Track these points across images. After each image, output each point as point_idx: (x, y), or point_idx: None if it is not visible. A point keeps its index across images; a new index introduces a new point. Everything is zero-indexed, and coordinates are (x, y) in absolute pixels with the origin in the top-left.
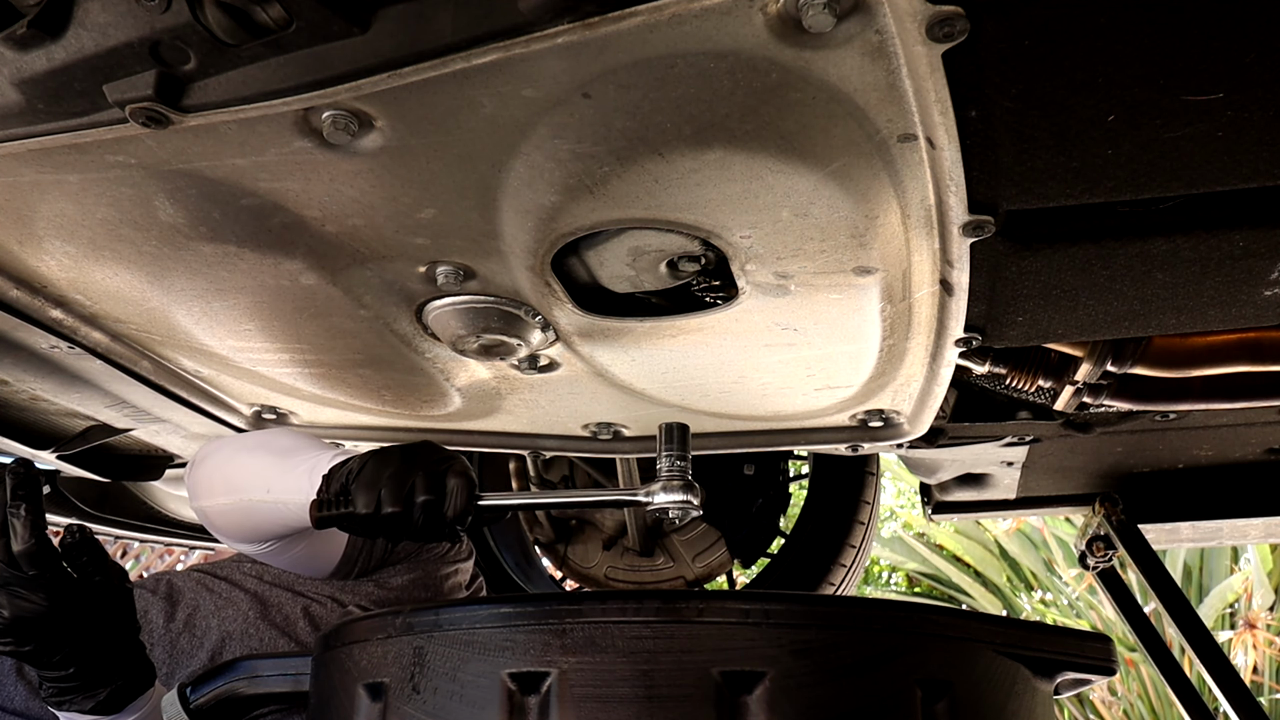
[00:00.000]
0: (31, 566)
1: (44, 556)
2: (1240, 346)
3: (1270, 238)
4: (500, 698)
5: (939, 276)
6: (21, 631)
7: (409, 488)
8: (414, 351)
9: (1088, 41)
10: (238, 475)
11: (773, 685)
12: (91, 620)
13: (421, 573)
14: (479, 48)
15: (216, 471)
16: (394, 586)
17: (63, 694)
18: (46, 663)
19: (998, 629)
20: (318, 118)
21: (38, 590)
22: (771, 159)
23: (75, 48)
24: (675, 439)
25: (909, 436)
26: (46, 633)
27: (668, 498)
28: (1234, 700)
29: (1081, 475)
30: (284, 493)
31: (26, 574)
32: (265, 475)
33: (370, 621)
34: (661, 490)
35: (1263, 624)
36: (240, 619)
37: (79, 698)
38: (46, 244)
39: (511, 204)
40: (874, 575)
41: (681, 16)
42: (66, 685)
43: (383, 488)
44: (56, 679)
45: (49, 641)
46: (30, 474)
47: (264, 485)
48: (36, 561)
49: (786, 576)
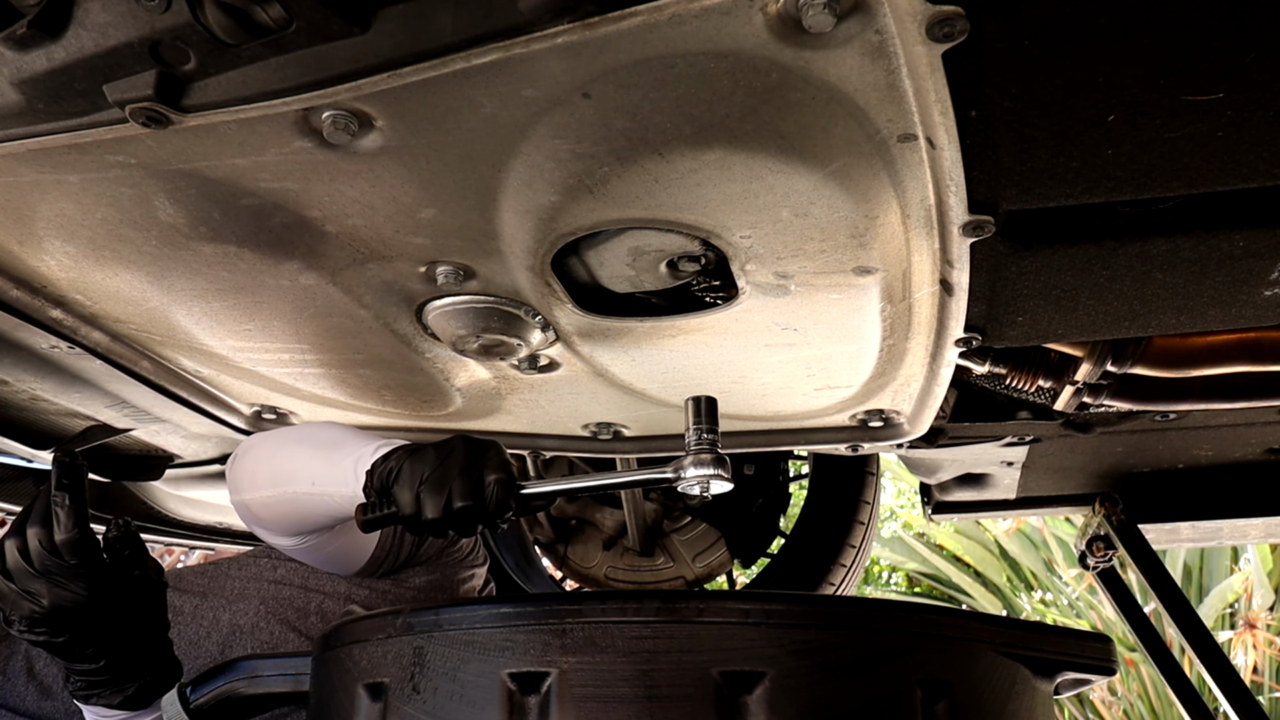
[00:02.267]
0: (73, 555)
1: (86, 547)
2: (1240, 346)
3: (1270, 238)
4: (500, 698)
5: (939, 276)
6: (58, 621)
7: (448, 493)
8: (414, 351)
9: (1088, 41)
10: (282, 468)
11: (773, 685)
12: (127, 614)
13: (440, 575)
14: (479, 48)
15: (260, 465)
16: (412, 587)
17: (91, 687)
18: (79, 655)
19: (998, 629)
20: (318, 118)
21: (78, 580)
22: (771, 159)
23: (75, 48)
24: (704, 413)
25: (909, 436)
26: (82, 624)
27: (698, 472)
28: (1234, 700)
29: (1081, 475)
30: (329, 485)
31: (68, 563)
32: (310, 468)
33: (370, 621)
34: (691, 465)
35: (1263, 624)
36: (251, 613)
37: (107, 692)
38: (46, 244)
39: (511, 204)
40: (874, 575)
41: (681, 16)
42: (96, 679)
43: (421, 492)
44: (87, 672)
45: (84, 633)
46: (76, 464)
47: (309, 478)
48: (78, 551)
49: (786, 576)
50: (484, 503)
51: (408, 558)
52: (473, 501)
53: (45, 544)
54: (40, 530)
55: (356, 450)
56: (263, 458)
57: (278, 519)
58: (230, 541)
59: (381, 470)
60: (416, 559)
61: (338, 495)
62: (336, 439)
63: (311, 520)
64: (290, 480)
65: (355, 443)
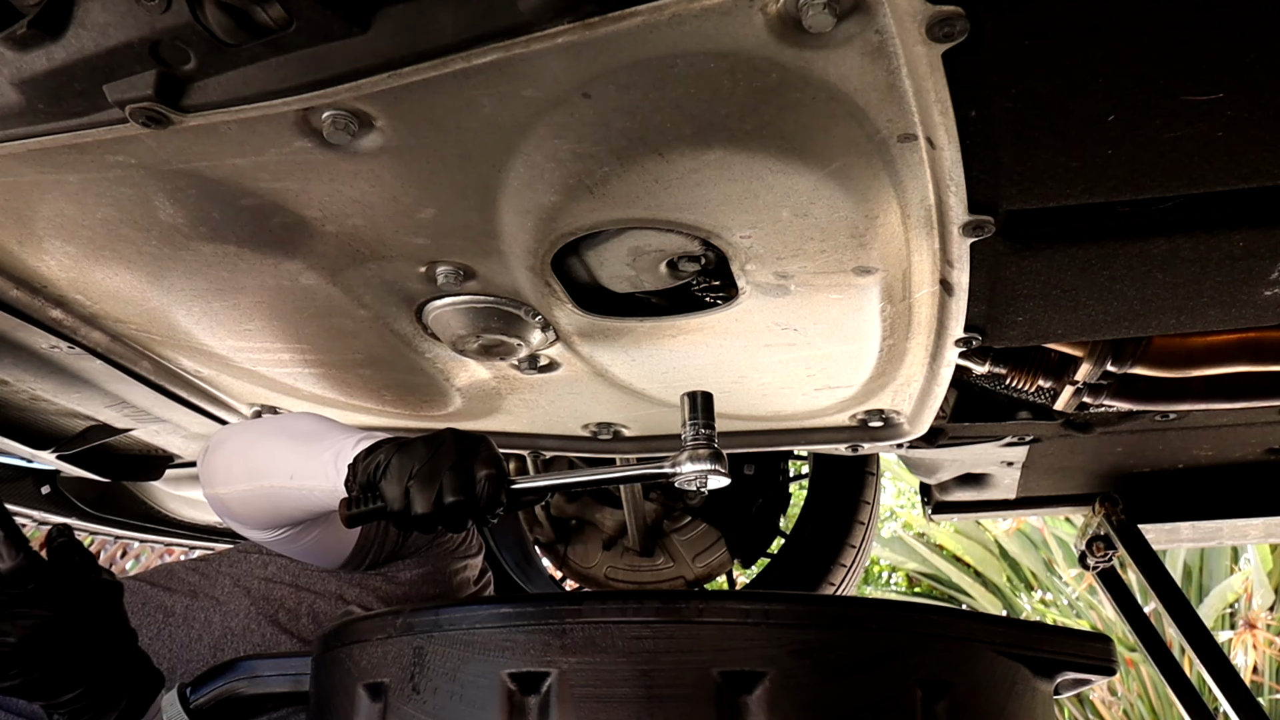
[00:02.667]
0: (28, 580)
1: (36, 569)
2: (1240, 346)
3: (1270, 238)
4: (500, 698)
5: (939, 276)
6: (29, 655)
7: (438, 488)
8: (414, 351)
9: (1088, 41)
10: (259, 461)
11: (773, 685)
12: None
13: (431, 568)
14: (479, 48)
15: (235, 458)
16: (403, 581)
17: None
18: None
19: (998, 629)
20: (318, 118)
21: (40, 604)
22: (771, 159)
23: (75, 48)
24: (699, 407)
25: (909, 436)
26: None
27: (694, 467)
28: (1234, 700)
29: (1081, 475)
30: (308, 479)
31: (25, 589)
32: (288, 461)
33: (370, 621)
34: (688, 460)
35: (1263, 624)
36: (242, 615)
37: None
38: (46, 244)
39: (511, 204)
40: (874, 575)
41: (681, 16)
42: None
43: (410, 486)
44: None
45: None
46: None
47: (287, 471)
48: (31, 574)
49: (786, 576)
50: (474, 498)
51: (394, 549)
52: (463, 496)
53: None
54: None
55: (336, 443)
56: (238, 450)
57: (253, 513)
58: (230, 541)
59: (367, 464)
60: (404, 550)
61: (317, 489)
62: (315, 431)
63: (289, 514)
64: (267, 474)
65: (334, 435)
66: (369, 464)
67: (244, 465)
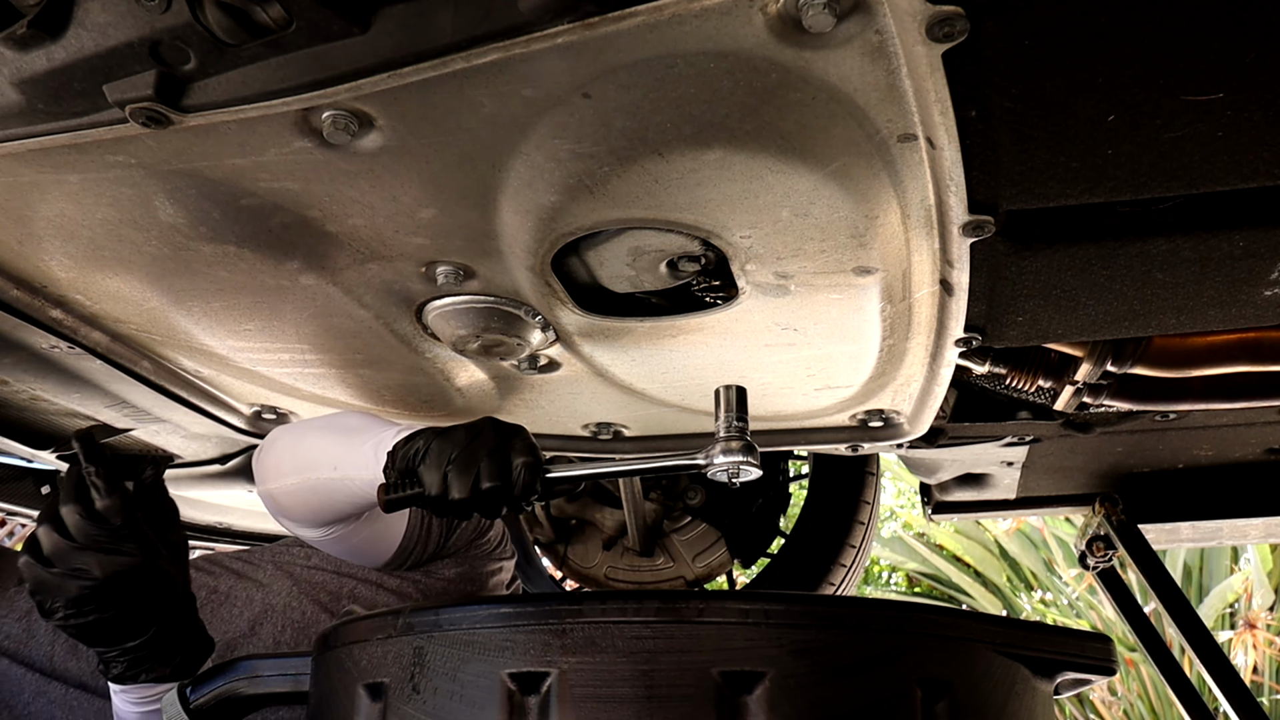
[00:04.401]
0: (118, 517)
1: (128, 508)
2: (1240, 346)
3: (1270, 238)
4: (500, 698)
5: (939, 276)
6: (109, 593)
7: (475, 474)
8: (414, 351)
9: (1088, 41)
10: (305, 455)
11: (773, 685)
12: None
13: (469, 568)
14: (479, 48)
15: (285, 453)
16: (442, 578)
17: (138, 664)
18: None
19: (998, 629)
20: (318, 118)
21: (128, 541)
22: (771, 159)
23: (75, 48)
24: (734, 402)
25: (909, 436)
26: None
27: (728, 459)
28: (1234, 700)
29: (1081, 475)
30: (350, 469)
31: (114, 525)
32: (332, 453)
33: (370, 621)
34: (721, 452)
35: (1263, 624)
36: (284, 593)
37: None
38: (46, 244)
39: (511, 204)
40: (874, 575)
41: (681, 16)
42: (142, 653)
43: (449, 471)
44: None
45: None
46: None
47: (331, 463)
48: (123, 512)
49: (786, 576)
50: (511, 484)
51: (436, 549)
52: (500, 482)
53: (86, 515)
54: (76, 505)
55: (378, 434)
56: (287, 446)
57: (301, 506)
58: (230, 541)
59: (406, 450)
60: (445, 551)
61: (358, 479)
62: (359, 425)
63: (334, 507)
64: (312, 466)
65: (377, 427)
66: (408, 450)
67: (292, 460)
